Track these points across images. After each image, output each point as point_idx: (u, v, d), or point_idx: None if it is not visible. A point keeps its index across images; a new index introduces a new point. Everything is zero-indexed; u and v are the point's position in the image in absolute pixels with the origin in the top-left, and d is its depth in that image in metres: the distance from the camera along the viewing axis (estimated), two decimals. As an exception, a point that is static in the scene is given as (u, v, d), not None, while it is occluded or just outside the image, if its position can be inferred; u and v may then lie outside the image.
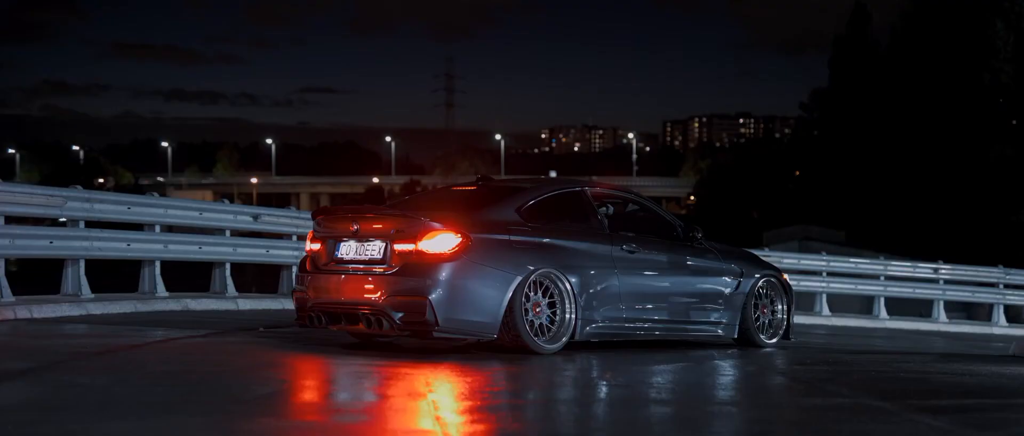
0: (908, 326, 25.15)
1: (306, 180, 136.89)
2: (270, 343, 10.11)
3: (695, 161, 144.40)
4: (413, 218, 9.29)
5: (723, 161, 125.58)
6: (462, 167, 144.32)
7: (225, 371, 7.72)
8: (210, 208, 16.40)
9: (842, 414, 6.19)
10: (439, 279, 9.03)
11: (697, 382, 8.05)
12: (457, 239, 9.15)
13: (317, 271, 9.81)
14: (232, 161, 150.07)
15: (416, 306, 9.04)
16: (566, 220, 10.15)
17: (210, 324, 11.91)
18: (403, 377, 7.65)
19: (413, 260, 9.15)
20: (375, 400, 6.59)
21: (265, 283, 20.13)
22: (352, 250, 9.57)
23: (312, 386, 7.13)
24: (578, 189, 10.58)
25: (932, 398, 7.08)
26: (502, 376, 8.01)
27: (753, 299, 11.46)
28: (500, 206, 9.81)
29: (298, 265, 10.21)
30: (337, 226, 9.77)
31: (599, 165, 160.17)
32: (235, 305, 15.37)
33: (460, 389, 7.10)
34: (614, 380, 7.95)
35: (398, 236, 9.26)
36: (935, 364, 9.91)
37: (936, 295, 26.28)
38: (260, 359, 8.62)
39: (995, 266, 27.70)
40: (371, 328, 9.33)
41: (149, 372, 7.52)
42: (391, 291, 9.14)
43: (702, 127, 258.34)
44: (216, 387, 6.84)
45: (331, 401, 6.56)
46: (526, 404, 6.60)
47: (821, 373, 8.60)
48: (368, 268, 9.38)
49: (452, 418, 5.83)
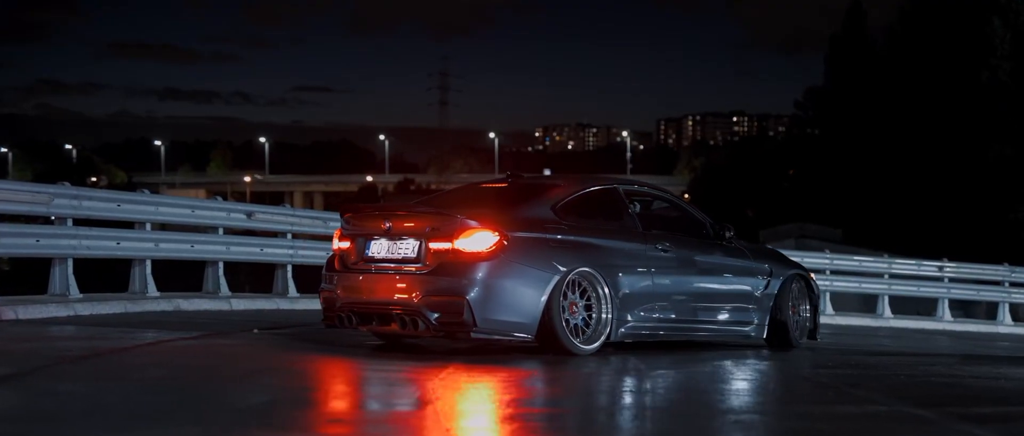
0: (913, 325, 24.78)
1: (300, 179, 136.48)
2: (266, 346, 9.71)
3: (689, 159, 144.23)
4: (449, 216, 9.03)
5: (717, 159, 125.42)
6: (456, 166, 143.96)
7: (218, 376, 7.29)
8: (202, 205, 15.98)
9: (880, 423, 5.78)
10: (477, 279, 8.77)
11: (723, 388, 7.63)
12: (494, 238, 8.89)
13: (346, 270, 9.52)
14: (226, 160, 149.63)
15: (453, 306, 8.77)
16: (600, 218, 9.93)
17: (203, 325, 11.50)
18: (411, 382, 7.23)
19: (449, 259, 8.88)
20: (381, 409, 6.17)
21: (259, 283, 19.70)
22: (384, 249, 9.32)
23: (312, 393, 6.67)
24: (612, 187, 10.37)
25: (972, 405, 6.67)
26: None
27: (782, 299, 11.24)
28: (535, 204, 9.57)
29: (325, 264, 9.90)
30: (368, 224, 9.51)
31: (593, 163, 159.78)
32: (228, 305, 14.96)
33: (479, 395, 6.68)
34: (640, 385, 7.53)
35: (433, 234, 8.99)
36: (963, 367, 9.51)
37: (940, 293, 25.92)
38: (256, 363, 8.20)
39: (1000, 264, 27.34)
40: (405, 329, 9.05)
41: (138, 377, 7.08)
42: (427, 291, 8.88)
43: (696, 125, 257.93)
44: (209, 394, 6.41)
45: (333, 411, 6.10)
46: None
47: (846, 377, 8.18)
48: (401, 267, 9.12)
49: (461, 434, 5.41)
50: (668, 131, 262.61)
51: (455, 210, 9.13)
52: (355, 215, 9.73)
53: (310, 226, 17.35)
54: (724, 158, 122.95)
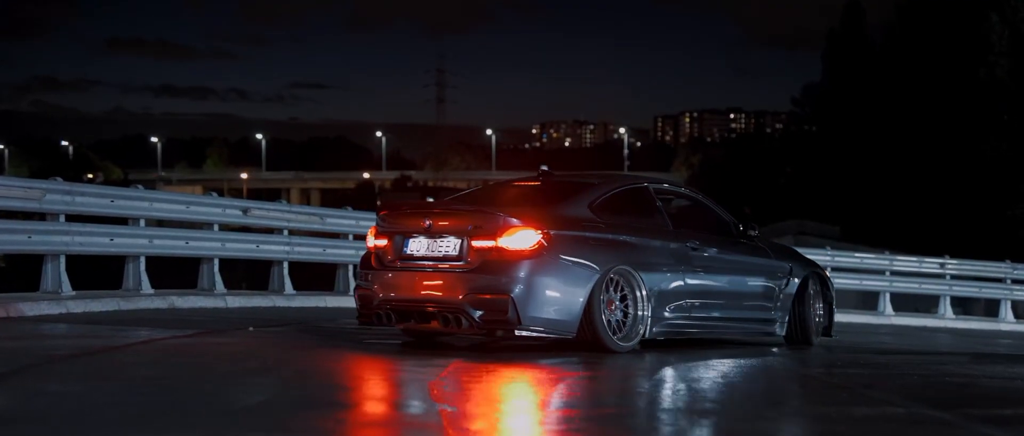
0: (914, 322, 24.59)
1: (296, 175, 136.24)
2: (262, 344, 9.50)
3: (686, 156, 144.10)
4: (491, 214, 9.07)
5: (715, 156, 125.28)
6: (453, 162, 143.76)
7: (213, 376, 7.07)
8: (197, 201, 15.76)
9: (898, 426, 5.57)
10: (521, 276, 8.83)
11: (736, 389, 7.43)
12: (537, 236, 8.95)
13: (384, 268, 9.51)
14: (222, 157, 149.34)
15: (498, 304, 8.81)
16: (634, 216, 10.01)
17: (197, 323, 11.28)
18: (410, 380, 7.02)
19: (493, 257, 8.92)
20: (383, 409, 5.95)
21: (255, 280, 19.48)
22: (423, 246, 9.32)
23: (310, 393, 6.44)
24: (643, 185, 10.48)
25: (990, 407, 6.46)
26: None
27: (802, 297, 11.41)
28: (573, 202, 9.63)
29: (359, 261, 9.90)
30: (406, 222, 9.51)
31: (590, 160, 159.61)
32: (224, 303, 14.74)
33: (490, 396, 6.47)
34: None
35: (476, 232, 9.02)
36: (976, 366, 9.31)
37: (942, 291, 25.73)
38: (251, 362, 7.99)
39: (1002, 260, 27.16)
40: (447, 326, 9.07)
41: (130, 377, 6.87)
42: (470, 289, 8.90)
43: (693, 122, 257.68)
44: (203, 395, 6.19)
45: (334, 411, 5.86)
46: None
47: (860, 377, 7.97)
48: (442, 265, 9.14)
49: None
50: (665, 128, 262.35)
51: (496, 208, 9.19)
52: (392, 213, 9.74)
53: (307, 222, 17.13)
54: (721, 155, 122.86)
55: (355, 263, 17.86)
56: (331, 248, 17.48)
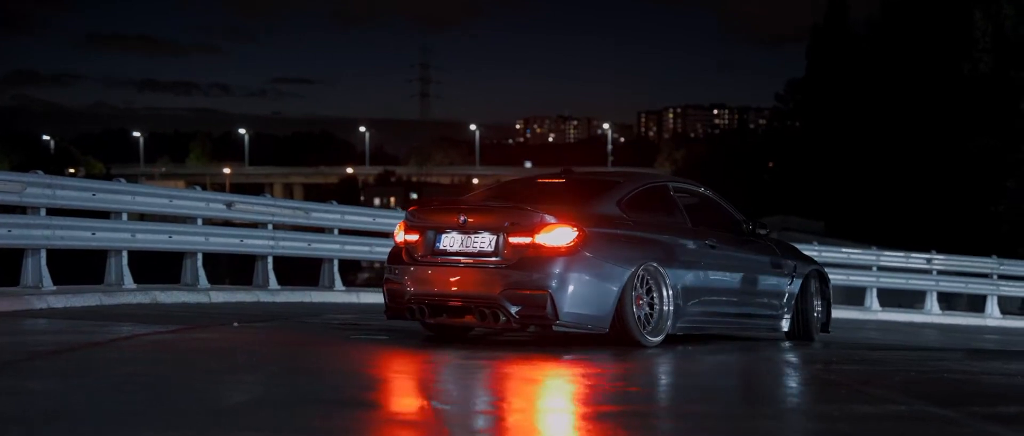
0: (901, 318, 24.52)
1: (279, 170, 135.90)
2: (248, 340, 9.32)
3: (670, 152, 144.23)
4: (528, 211, 9.20)
5: (698, 152, 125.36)
6: (437, 158, 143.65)
7: (198, 373, 6.90)
8: (180, 195, 15.56)
9: (904, 424, 5.43)
10: (559, 273, 9.00)
11: (736, 388, 7.30)
12: (574, 233, 9.12)
13: (415, 262, 9.57)
14: (205, 151, 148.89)
15: (536, 300, 8.98)
16: (657, 214, 10.23)
17: (181, 318, 11.11)
18: (402, 375, 6.85)
19: (530, 254, 9.07)
20: (374, 406, 5.78)
21: (239, 275, 19.28)
22: (457, 242, 9.42)
23: (298, 390, 6.26)
24: (663, 184, 10.72)
25: (995, 404, 6.32)
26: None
27: (805, 294, 11.67)
28: (603, 200, 9.85)
29: (389, 257, 9.92)
30: (439, 218, 9.62)
31: (574, 156, 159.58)
32: (207, 298, 14.56)
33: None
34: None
35: (513, 229, 9.15)
36: (973, 363, 9.18)
37: (929, 286, 25.66)
38: (237, 358, 7.82)
39: (988, 256, 27.11)
40: (484, 321, 9.18)
41: (111, 374, 6.69)
42: (508, 284, 9.05)
43: (677, 118, 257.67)
44: (186, 392, 6.02)
45: (323, 407, 5.68)
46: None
47: (857, 374, 7.82)
48: (477, 260, 9.26)
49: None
50: (649, 123, 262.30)
51: (532, 205, 9.30)
52: (422, 209, 9.85)
53: (291, 217, 16.95)
54: (705, 151, 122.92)
55: (341, 258, 17.73)
56: (316, 243, 17.30)
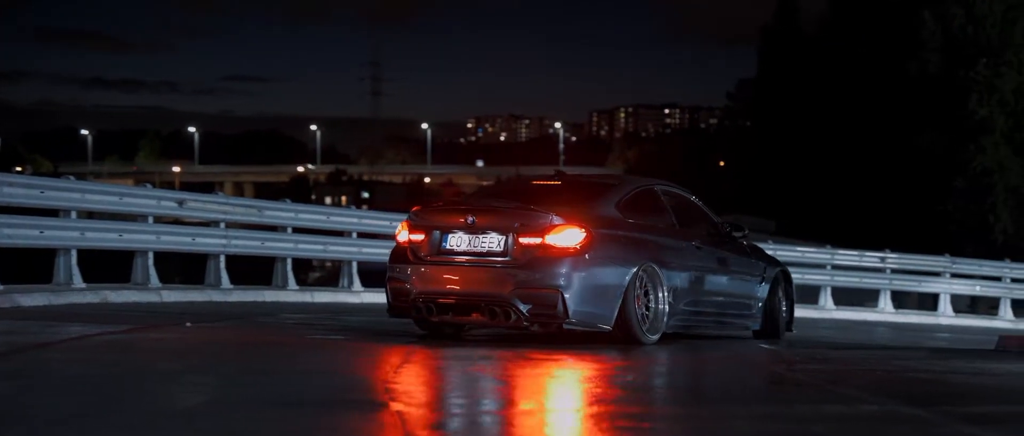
0: (854, 316, 24.58)
1: (230, 169, 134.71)
2: (201, 340, 9.10)
3: (622, 150, 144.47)
4: (538, 212, 9.44)
5: (650, 151, 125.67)
6: (389, 156, 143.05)
7: (151, 374, 6.69)
8: (131, 193, 15.28)
9: (877, 425, 5.32)
10: (569, 272, 9.26)
11: (702, 389, 7.18)
12: (582, 234, 9.37)
13: (420, 262, 9.71)
14: (154, 150, 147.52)
15: (547, 299, 9.23)
16: (650, 216, 10.52)
17: (132, 318, 10.86)
18: (362, 374, 6.67)
19: (541, 254, 9.29)
20: (332, 406, 5.60)
21: (190, 273, 18.97)
22: (463, 242, 9.60)
23: (252, 391, 6.06)
24: (651, 186, 11.01)
25: (964, 404, 6.24)
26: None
27: (774, 294, 11.94)
28: (603, 202, 10.12)
29: (391, 256, 10.05)
30: (445, 218, 9.79)
31: (526, 154, 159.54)
32: (159, 297, 14.29)
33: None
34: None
35: (523, 230, 9.37)
36: (937, 361, 9.12)
37: (882, 285, 25.75)
38: (191, 359, 7.60)
39: (941, 254, 27.25)
40: (494, 319, 9.41)
41: (60, 377, 6.46)
42: (519, 283, 9.27)
43: (628, 117, 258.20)
44: (140, 394, 5.81)
45: (281, 409, 5.49)
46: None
47: (825, 373, 7.73)
48: (486, 260, 9.46)
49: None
50: (600, 122, 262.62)
51: (537, 207, 9.55)
52: (427, 209, 10.06)
53: (244, 214, 16.70)
54: (656, 150, 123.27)
55: (294, 256, 17.51)
56: (270, 241, 17.06)
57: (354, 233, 18.50)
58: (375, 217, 19.44)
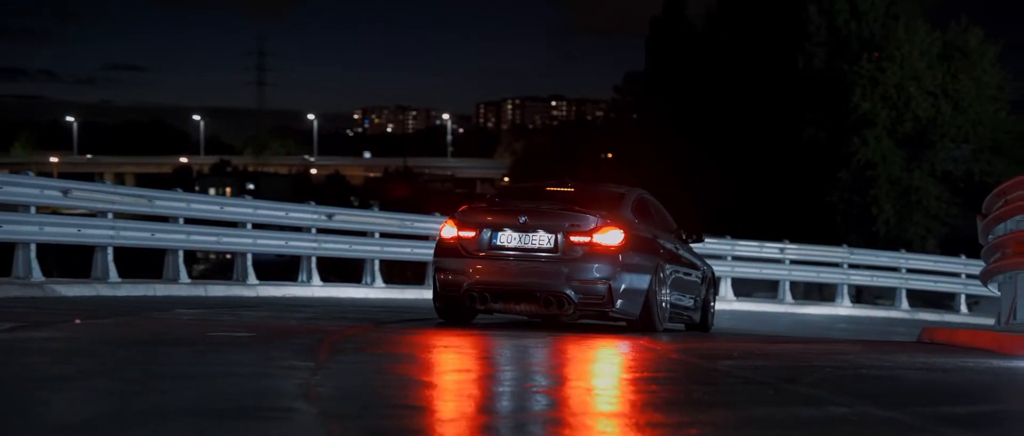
0: (755, 308, 24.49)
1: (111, 159, 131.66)
2: (91, 339, 8.36)
3: (510, 142, 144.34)
4: (585, 214, 10.66)
5: (537, 143, 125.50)
6: (274, 147, 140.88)
7: (38, 381, 5.98)
8: (11, 181, 14.40)
9: (858, 430, 4.87)
10: (614, 267, 10.55)
11: (645, 388, 6.68)
12: (622, 234, 10.68)
13: (472, 256, 10.77)
14: (31, 140, 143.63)
15: (597, 290, 10.52)
16: (651, 219, 11.77)
17: (14, 315, 10.05)
18: (279, 377, 6.05)
19: (590, 251, 10.54)
20: (244, 412, 4.98)
21: (75, 267, 18.02)
22: (514, 239, 10.72)
23: (160, 398, 5.38)
24: (643, 194, 12.12)
25: (938, 404, 5.83)
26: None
27: (707, 290, 13.18)
28: (621, 207, 11.29)
29: (438, 251, 11.04)
30: (494, 217, 10.88)
31: (414, 146, 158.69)
32: (42, 292, 13.46)
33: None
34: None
35: (573, 229, 10.57)
36: (878, 356, 8.74)
37: (782, 275, 25.71)
38: (82, 362, 6.88)
39: (839, 245, 27.30)
40: (549, 308, 10.60)
41: (-63, 383, 5.73)
42: (571, 276, 10.49)
43: (516, 109, 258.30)
44: (25, 406, 5.10)
45: (188, 419, 4.83)
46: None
47: (771, 370, 7.29)
48: (538, 255, 10.62)
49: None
50: (488, 114, 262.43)
51: (584, 210, 10.74)
52: (474, 209, 11.15)
53: (133, 205, 15.89)
54: (544, 142, 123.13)
55: (186, 248, 16.76)
56: (160, 233, 16.25)
57: (249, 224, 17.77)
58: (271, 207, 18.74)
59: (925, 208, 42.20)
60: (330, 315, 12.36)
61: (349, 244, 20.24)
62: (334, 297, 18.60)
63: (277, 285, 19.13)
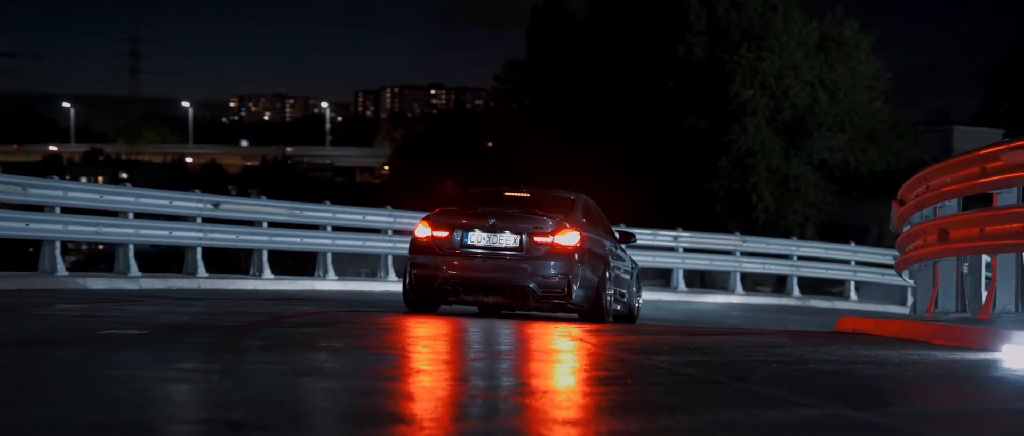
0: (652, 296, 24.24)
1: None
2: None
3: (389, 131, 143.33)
4: (546, 218, 11.97)
5: (417, 132, 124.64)
6: (148, 135, 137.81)
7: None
8: None
9: (837, 434, 4.46)
10: (572, 264, 11.79)
11: (600, 394, 6.21)
12: (578, 235, 11.93)
13: (445, 254, 11.95)
14: None
15: (558, 285, 11.78)
16: (596, 222, 12.98)
17: None
18: (186, 388, 5.45)
19: (551, 250, 11.80)
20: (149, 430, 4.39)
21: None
22: (483, 239, 11.92)
23: (54, 413, 4.76)
24: (587, 200, 13.18)
25: (909, 403, 5.48)
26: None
27: (635, 285, 14.34)
28: (574, 211, 12.47)
29: (413, 248, 12.20)
30: (465, 219, 12.07)
31: (292, 134, 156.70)
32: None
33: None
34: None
35: (535, 231, 11.83)
36: (815, 348, 8.34)
37: (675, 264, 25.53)
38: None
39: (732, 233, 27.22)
40: (515, 300, 11.87)
41: None
42: (534, 272, 11.74)
43: (394, 97, 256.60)
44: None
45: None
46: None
47: (714, 366, 6.85)
48: (505, 254, 11.83)
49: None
50: (366, 103, 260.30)
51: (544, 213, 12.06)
52: (445, 212, 12.38)
53: (6, 193, 15.03)
54: (424, 130, 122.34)
55: (63, 239, 15.91)
56: (36, 222, 15.34)
57: (130, 213, 16.95)
58: (154, 196, 17.95)
59: (803, 196, 42.68)
60: (223, 309, 11.70)
61: (236, 234, 19.49)
62: (222, 289, 17.87)
63: (161, 277, 18.32)
